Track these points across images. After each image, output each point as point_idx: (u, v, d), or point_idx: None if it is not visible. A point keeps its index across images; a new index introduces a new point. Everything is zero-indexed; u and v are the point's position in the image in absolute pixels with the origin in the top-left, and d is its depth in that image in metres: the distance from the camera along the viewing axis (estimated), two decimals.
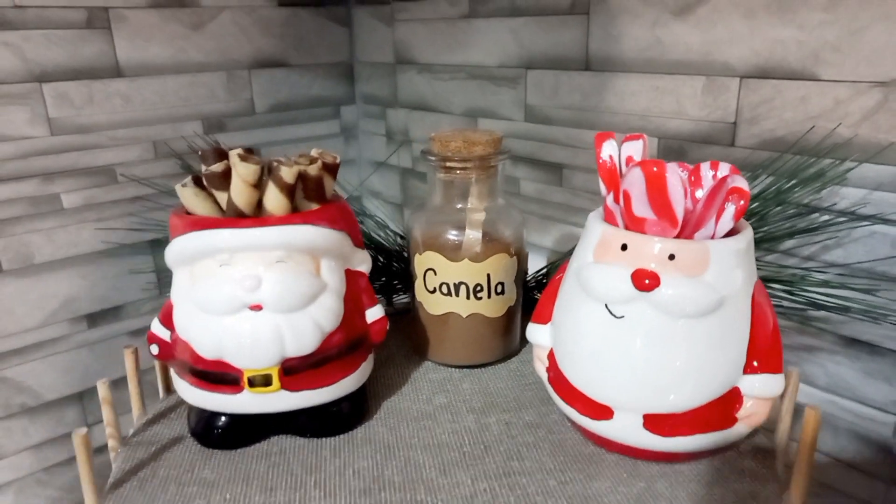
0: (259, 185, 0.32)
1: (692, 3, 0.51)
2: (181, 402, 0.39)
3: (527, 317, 0.44)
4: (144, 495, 0.31)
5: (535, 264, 0.65)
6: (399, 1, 0.77)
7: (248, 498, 0.31)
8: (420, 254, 0.40)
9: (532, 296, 0.48)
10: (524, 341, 0.45)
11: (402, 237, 0.57)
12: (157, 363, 0.34)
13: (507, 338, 0.43)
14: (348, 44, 0.87)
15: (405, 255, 0.50)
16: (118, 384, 0.81)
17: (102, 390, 0.33)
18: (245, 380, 0.32)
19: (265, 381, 0.32)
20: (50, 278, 0.70)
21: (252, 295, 0.31)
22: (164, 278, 0.78)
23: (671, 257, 0.30)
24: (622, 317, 0.30)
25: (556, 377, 0.34)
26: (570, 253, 0.46)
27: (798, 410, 0.33)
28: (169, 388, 0.40)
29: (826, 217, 0.47)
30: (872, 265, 0.46)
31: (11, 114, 0.64)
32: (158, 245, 0.76)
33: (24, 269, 0.68)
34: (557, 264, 0.49)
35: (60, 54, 0.66)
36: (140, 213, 0.74)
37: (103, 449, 0.79)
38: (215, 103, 0.77)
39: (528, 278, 0.51)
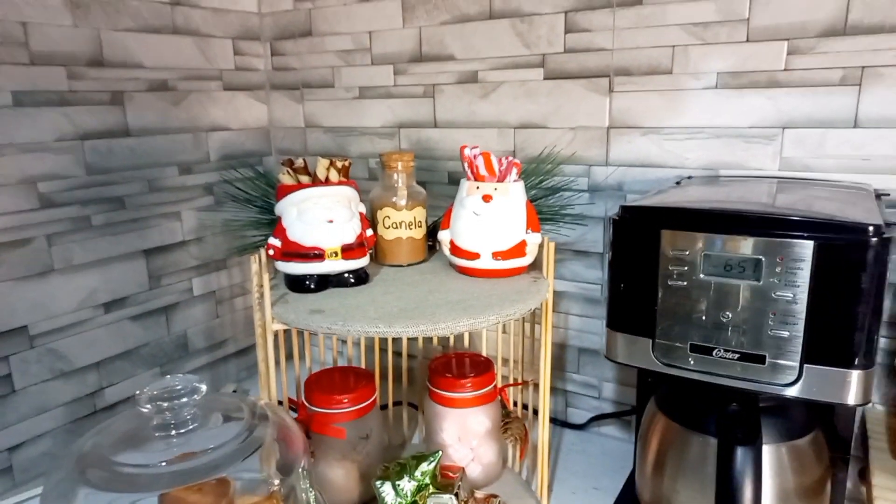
0: (328, 168, 0.75)
1: (488, 91, 1.04)
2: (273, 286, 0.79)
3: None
4: (289, 305, 0.72)
5: None
6: (307, 88, 1.22)
7: (334, 300, 0.73)
8: (381, 209, 0.85)
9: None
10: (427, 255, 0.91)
11: None
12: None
13: (423, 249, 0.89)
14: (267, 115, 1.29)
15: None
16: (122, 356, 1.14)
17: (255, 266, 0.72)
18: (326, 254, 0.74)
19: (335, 254, 0.75)
20: (82, 275, 1.01)
21: (330, 214, 0.74)
22: (153, 277, 1.11)
23: (496, 189, 0.79)
24: (480, 214, 0.78)
25: (454, 248, 0.81)
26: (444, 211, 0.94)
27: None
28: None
29: (555, 189, 1.01)
30: (571, 210, 1.00)
31: (66, 161, 0.98)
32: (151, 253, 1.10)
33: (67, 268, 0.99)
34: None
35: (95, 121, 1.01)
36: (141, 229, 1.08)
37: (112, 407, 1.08)
38: (186, 154, 1.15)
39: None
